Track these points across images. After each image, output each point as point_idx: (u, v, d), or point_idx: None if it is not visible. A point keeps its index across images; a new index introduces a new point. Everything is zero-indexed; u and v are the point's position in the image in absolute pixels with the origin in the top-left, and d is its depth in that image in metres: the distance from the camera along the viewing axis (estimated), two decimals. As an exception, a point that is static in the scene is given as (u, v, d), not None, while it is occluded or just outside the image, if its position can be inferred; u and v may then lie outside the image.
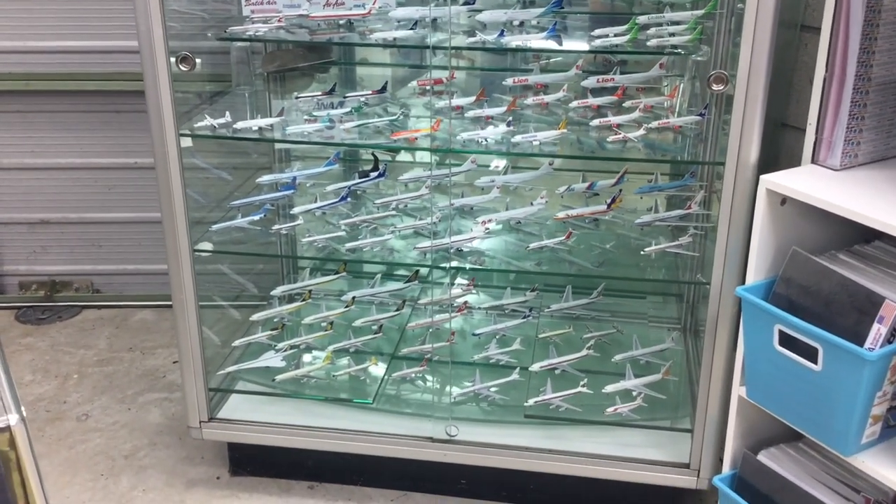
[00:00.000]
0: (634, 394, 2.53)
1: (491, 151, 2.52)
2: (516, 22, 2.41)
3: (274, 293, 2.83)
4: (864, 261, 1.89)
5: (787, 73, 2.35)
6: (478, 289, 3.00)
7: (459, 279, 2.95)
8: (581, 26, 2.59)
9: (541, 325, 2.84)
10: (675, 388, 2.61)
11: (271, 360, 2.70)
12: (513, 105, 2.51)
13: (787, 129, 2.39)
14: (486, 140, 2.42)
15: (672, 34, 2.28)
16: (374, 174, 2.75)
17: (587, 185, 2.62)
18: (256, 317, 2.76)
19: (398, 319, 2.88)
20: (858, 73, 1.86)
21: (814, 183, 1.87)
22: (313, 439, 2.60)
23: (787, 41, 2.27)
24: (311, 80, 2.88)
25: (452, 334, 2.70)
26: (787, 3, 2.00)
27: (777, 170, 1.93)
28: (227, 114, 2.49)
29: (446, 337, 2.69)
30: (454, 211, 2.62)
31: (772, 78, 2.03)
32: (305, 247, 2.64)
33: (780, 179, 1.88)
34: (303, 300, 2.86)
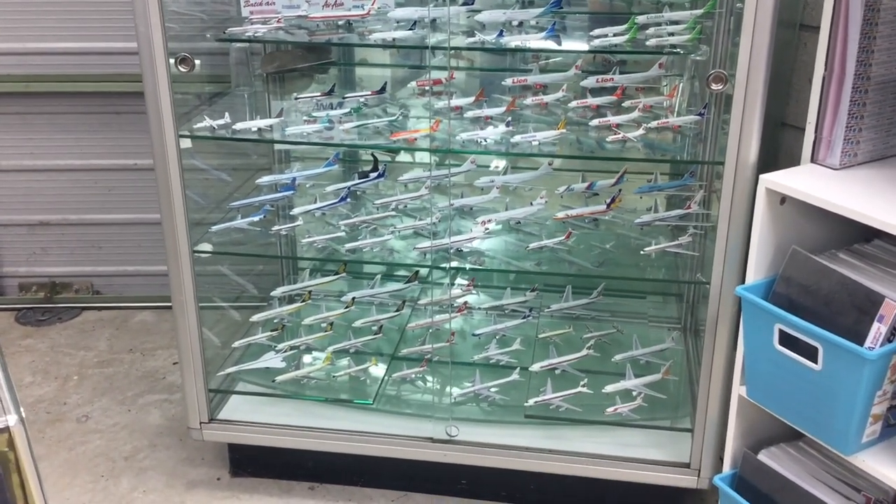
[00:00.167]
0: (634, 394, 2.53)
1: (490, 152, 2.52)
2: (515, 22, 2.41)
3: (274, 294, 2.83)
4: (864, 260, 1.89)
5: (787, 72, 2.35)
6: (478, 289, 3.00)
7: (459, 279, 2.95)
8: (580, 26, 2.59)
9: (541, 326, 2.84)
10: (675, 388, 2.61)
11: (271, 360, 2.70)
12: (512, 105, 2.51)
13: (786, 129, 2.39)
14: (486, 140, 2.42)
15: (671, 34, 2.28)
16: (373, 175, 2.75)
17: (587, 185, 2.62)
18: (256, 318, 2.76)
19: (398, 320, 2.88)
20: (857, 72, 1.86)
21: (813, 182, 1.87)
22: (314, 440, 2.60)
23: (786, 40, 2.27)
24: (311, 80, 2.88)
25: (452, 335, 2.70)
26: (786, 2, 2.00)
27: (776, 169, 1.93)
28: (227, 115, 2.49)
29: (446, 337, 2.69)
30: (454, 211, 2.62)
31: (771, 77, 2.03)
32: (305, 247, 2.64)
33: (779, 179, 1.88)
34: (303, 301, 2.86)
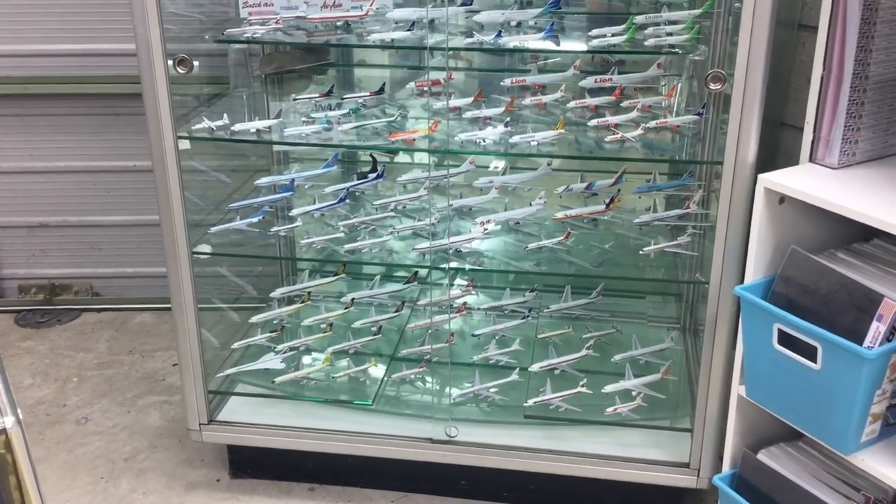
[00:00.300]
0: (634, 394, 2.53)
1: (489, 152, 2.52)
2: (514, 22, 2.41)
3: (273, 295, 2.83)
4: (863, 259, 1.89)
5: (785, 71, 2.35)
6: (477, 289, 3.00)
7: (458, 280, 2.95)
8: (578, 26, 2.59)
9: (540, 326, 2.84)
10: (674, 388, 2.61)
11: (271, 362, 2.70)
12: (510, 106, 2.51)
13: (784, 128, 2.39)
14: (484, 141, 2.42)
15: (669, 34, 2.28)
16: (372, 175, 2.75)
17: (586, 185, 2.62)
18: (256, 319, 2.76)
19: (397, 321, 2.88)
20: (856, 71, 1.86)
21: (812, 181, 1.87)
22: (313, 441, 2.60)
23: (784, 40, 2.27)
24: (309, 81, 2.88)
25: (452, 335, 2.70)
26: (784, 1, 2.01)
27: (775, 169, 1.93)
28: (225, 116, 2.49)
29: (446, 338, 2.69)
30: (453, 212, 2.62)
31: (769, 77, 2.03)
32: (304, 248, 2.64)
33: (778, 178, 1.88)
34: (302, 302, 2.86)
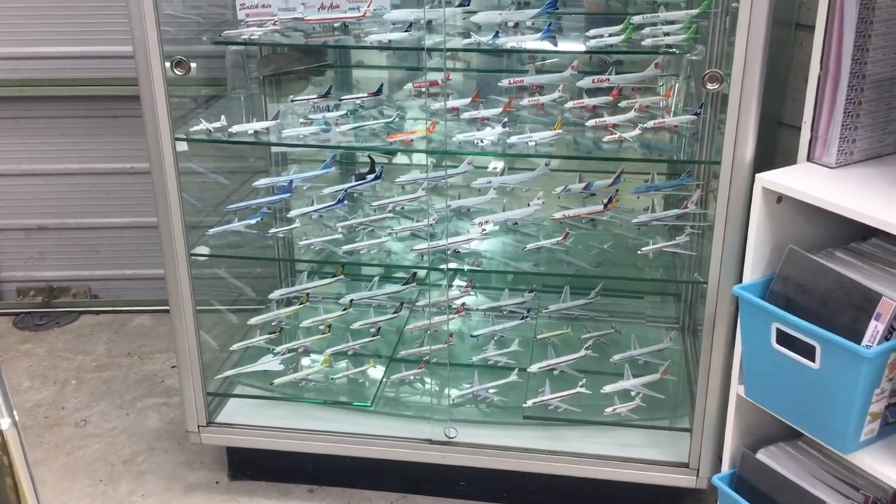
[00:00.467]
0: (633, 394, 2.53)
1: (487, 153, 2.52)
2: (511, 23, 2.41)
3: (271, 297, 2.83)
4: (861, 258, 1.89)
5: (782, 71, 2.35)
6: (475, 290, 3.00)
7: (457, 281, 2.95)
8: (576, 27, 2.59)
9: (539, 326, 2.84)
10: (673, 388, 2.61)
11: (269, 363, 2.70)
12: (508, 106, 2.51)
13: (782, 128, 2.39)
14: (482, 141, 2.42)
15: (667, 34, 2.28)
16: (370, 177, 2.75)
17: (584, 185, 2.62)
18: (254, 320, 2.76)
19: (396, 322, 2.88)
20: (853, 70, 1.86)
21: (809, 181, 1.87)
22: (312, 443, 2.59)
23: (781, 39, 2.27)
24: (307, 83, 2.88)
25: (451, 336, 2.70)
26: (781, 1, 2.00)
27: (773, 168, 1.93)
28: (223, 118, 2.49)
29: (444, 339, 2.69)
30: (451, 212, 2.62)
31: (767, 76, 2.03)
32: (303, 250, 2.64)
33: (775, 178, 1.88)
34: (300, 303, 2.86)
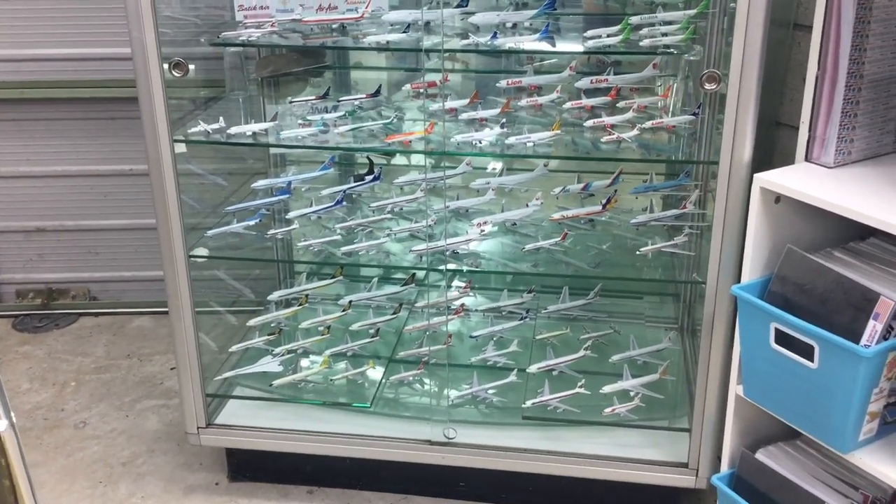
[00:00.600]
0: (632, 394, 2.53)
1: (485, 153, 2.52)
2: (509, 24, 2.41)
3: (270, 298, 2.82)
4: (859, 258, 1.89)
5: (780, 71, 2.35)
6: (474, 291, 3.01)
7: (456, 282, 2.95)
8: (574, 27, 2.59)
9: (538, 327, 2.84)
10: (672, 388, 2.61)
11: (268, 365, 2.70)
12: (507, 107, 2.51)
13: (780, 128, 2.39)
14: (481, 142, 2.42)
15: (665, 34, 2.28)
16: (369, 178, 2.75)
17: (582, 185, 2.62)
18: (253, 322, 2.76)
19: (395, 323, 2.88)
20: (851, 70, 1.86)
21: (808, 181, 1.87)
22: (312, 444, 2.59)
23: (779, 40, 2.27)
24: (305, 84, 2.88)
25: (450, 337, 2.70)
26: (779, 1, 2.00)
27: (771, 168, 1.93)
28: (221, 119, 2.49)
29: (443, 339, 2.69)
30: (450, 213, 2.62)
31: (765, 76, 2.03)
32: (301, 251, 2.64)
33: (774, 178, 1.88)
34: (299, 305, 2.86)
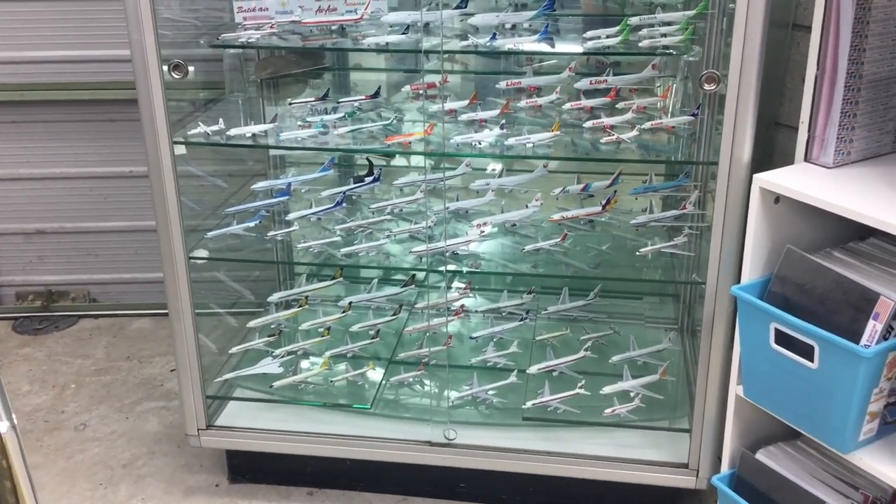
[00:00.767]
0: (632, 395, 2.53)
1: (485, 154, 2.52)
2: (508, 25, 2.42)
3: (270, 299, 2.83)
4: (859, 258, 1.89)
5: (780, 71, 2.36)
6: (474, 292, 3.01)
7: (456, 283, 2.95)
8: (573, 28, 2.60)
9: (538, 328, 2.85)
10: (672, 389, 2.61)
11: (269, 366, 2.70)
12: (506, 108, 2.51)
13: (780, 128, 2.39)
14: (480, 143, 2.42)
15: (664, 35, 2.28)
16: (368, 179, 2.75)
17: (582, 186, 2.62)
18: (253, 323, 2.76)
19: (395, 324, 2.88)
20: (850, 70, 1.86)
21: (807, 181, 1.87)
22: (312, 445, 2.59)
23: (778, 40, 2.28)
24: (305, 85, 2.88)
25: (450, 338, 2.70)
26: (778, 2, 2.01)
27: (770, 168, 1.93)
28: (221, 121, 2.49)
29: (443, 341, 2.69)
30: (449, 214, 2.63)
31: (764, 77, 2.03)
32: (301, 253, 2.64)
33: (773, 178, 1.88)
34: (299, 306, 2.86)
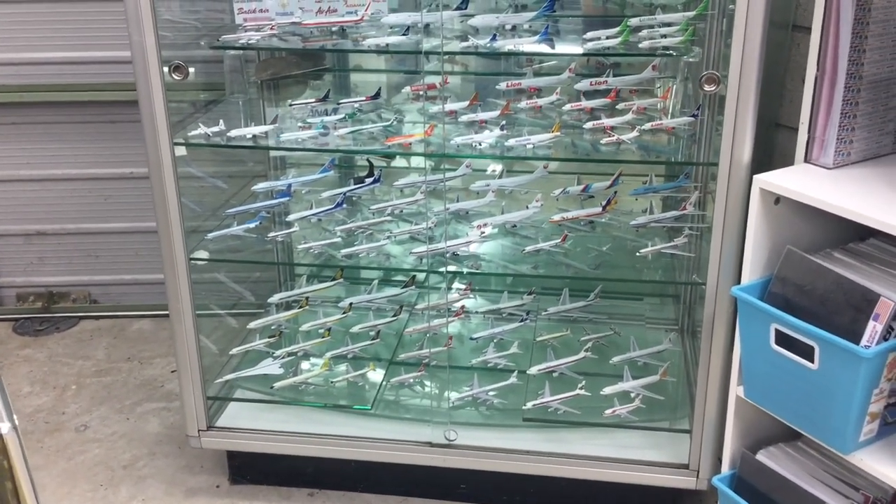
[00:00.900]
0: (633, 395, 2.53)
1: (485, 155, 2.52)
2: (508, 26, 2.42)
3: (271, 301, 2.83)
4: (859, 258, 1.89)
5: (780, 72, 2.36)
6: (475, 293, 3.01)
7: (456, 284, 2.95)
8: (573, 29, 2.60)
9: (538, 329, 2.84)
10: (673, 389, 2.61)
11: (269, 367, 2.70)
12: (506, 109, 2.52)
13: (780, 129, 2.40)
14: (481, 144, 2.42)
15: (664, 36, 2.28)
16: (369, 180, 2.75)
17: (582, 187, 2.62)
18: (254, 324, 2.76)
19: (396, 325, 2.88)
20: (850, 71, 1.86)
21: (807, 182, 1.87)
22: (312, 446, 2.59)
23: (778, 41, 2.28)
24: (305, 87, 2.88)
25: (450, 339, 2.70)
26: (778, 3, 2.01)
27: (770, 169, 1.93)
28: (221, 122, 2.50)
29: (444, 341, 2.69)
30: (450, 215, 2.63)
31: (764, 78, 2.03)
32: (302, 254, 2.65)
33: (773, 179, 1.88)
34: (300, 307, 2.86)
